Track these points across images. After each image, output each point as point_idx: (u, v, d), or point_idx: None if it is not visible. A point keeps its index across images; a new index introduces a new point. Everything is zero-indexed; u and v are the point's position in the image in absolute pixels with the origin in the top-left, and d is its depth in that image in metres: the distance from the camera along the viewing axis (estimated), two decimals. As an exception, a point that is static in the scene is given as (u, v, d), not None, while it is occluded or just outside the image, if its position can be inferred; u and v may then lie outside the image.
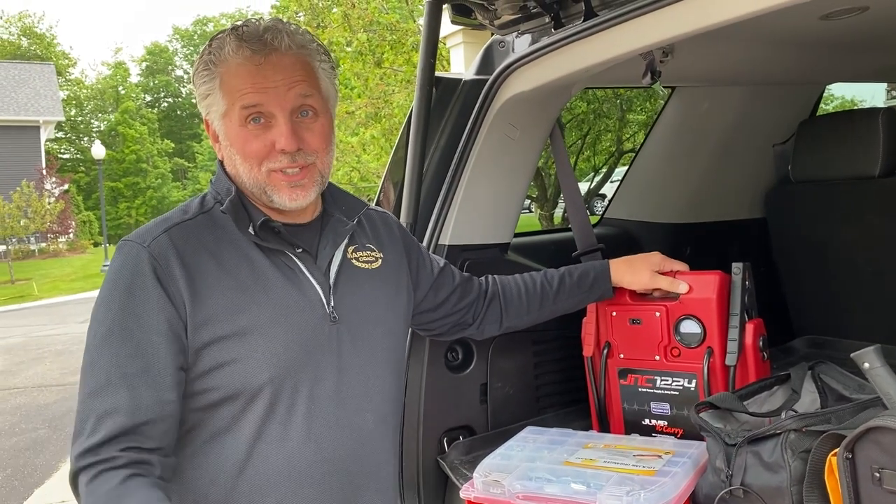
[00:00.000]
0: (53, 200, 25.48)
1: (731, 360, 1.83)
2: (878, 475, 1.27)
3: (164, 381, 1.28)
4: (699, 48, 1.96)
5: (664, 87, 2.77)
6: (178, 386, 1.31)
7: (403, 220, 2.05)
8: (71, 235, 27.68)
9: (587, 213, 2.31)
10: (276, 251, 1.42)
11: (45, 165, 28.00)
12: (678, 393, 1.91)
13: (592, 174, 11.21)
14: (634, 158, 2.95)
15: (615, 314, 1.99)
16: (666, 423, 1.94)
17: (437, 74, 2.12)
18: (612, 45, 1.69)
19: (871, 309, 2.52)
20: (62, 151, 42.96)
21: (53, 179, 26.93)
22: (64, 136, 44.09)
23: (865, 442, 1.28)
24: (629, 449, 1.76)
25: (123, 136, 42.40)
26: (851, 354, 1.39)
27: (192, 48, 53.99)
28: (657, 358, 1.94)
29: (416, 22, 10.35)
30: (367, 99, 10.72)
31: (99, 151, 25.59)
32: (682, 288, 1.89)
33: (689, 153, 2.77)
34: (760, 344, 1.88)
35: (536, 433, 1.92)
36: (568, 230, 2.41)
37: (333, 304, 1.43)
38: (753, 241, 2.78)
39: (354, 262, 1.52)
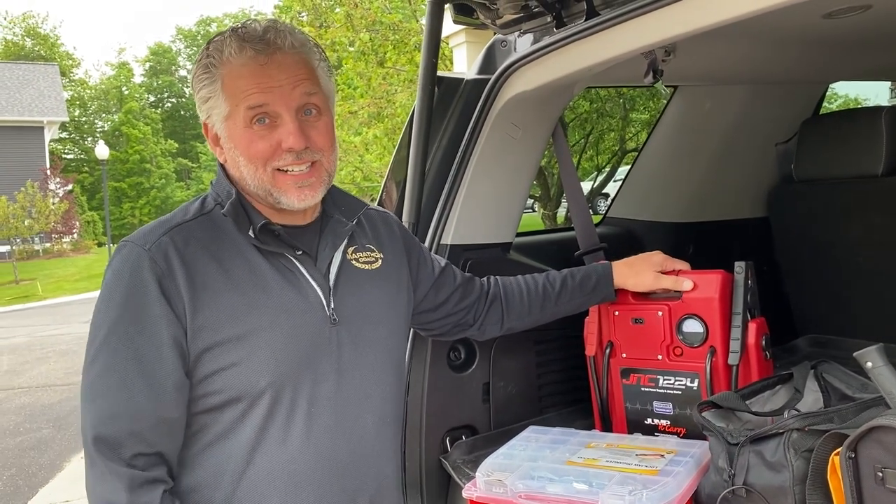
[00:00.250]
0: (57, 201, 25.53)
1: (733, 359, 1.83)
2: (880, 475, 1.27)
3: (164, 386, 1.28)
4: (701, 47, 1.96)
5: (666, 86, 2.77)
6: (179, 391, 1.30)
7: (405, 219, 2.05)
8: (75, 236, 27.74)
9: (590, 212, 2.31)
10: (276, 254, 1.41)
11: (49, 166, 28.10)
12: (681, 392, 1.91)
13: (595, 173, 11.20)
14: (637, 158, 2.95)
15: (617, 314, 1.99)
16: (668, 422, 1.94)
17: (439, 74, 2.12)
18: (614, 44, 1.69)
19: (873, 308, 2.51)
20: (66, 152, 43.00)
21: (57, 180, 26.99)
22: (68, 136, 44.16)
23: (868, 441, 1.28)
24: (631, 448, 1.76)
25: (127, 136, 42.46)
26: (854, 353, 1.39)
27: (195, 48, 53.91)
28: (660, 357, 1.94)
29: (418, 21, 10.34)
30: (369, 98, 10.71)
31: (103, 152, 25.71)
32: (686, 285, 1.89)
33: (691, 152, 2.77)
34: (763, 343, 1.87)
35: (539, 432, 1.92)
36: (570, 229, 2.41)
37: (334, 305, 1.43)
38: (756, 240, 2.77)
39: (354, 262, 1.52)
